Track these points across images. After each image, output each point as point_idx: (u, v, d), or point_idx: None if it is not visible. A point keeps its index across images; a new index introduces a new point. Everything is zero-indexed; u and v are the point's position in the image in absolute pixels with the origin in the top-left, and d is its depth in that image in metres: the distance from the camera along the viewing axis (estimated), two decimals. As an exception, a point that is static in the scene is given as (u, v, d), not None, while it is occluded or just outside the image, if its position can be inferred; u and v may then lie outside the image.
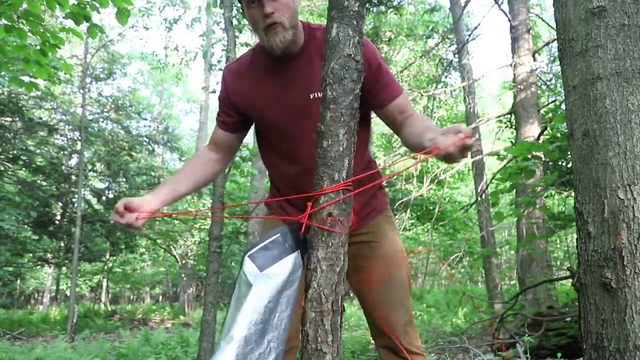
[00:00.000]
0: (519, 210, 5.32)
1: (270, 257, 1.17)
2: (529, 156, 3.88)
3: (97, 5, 3.54)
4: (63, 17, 3.69)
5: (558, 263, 13.57)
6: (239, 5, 5.06)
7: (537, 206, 5.40)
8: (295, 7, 1.48)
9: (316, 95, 1.48)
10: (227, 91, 1.60)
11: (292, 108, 1.51)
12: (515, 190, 5.62)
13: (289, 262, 1.18)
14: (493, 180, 7.16)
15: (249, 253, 1.18)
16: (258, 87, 1.55)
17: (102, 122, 14.61)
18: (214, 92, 4.55)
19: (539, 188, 4.69)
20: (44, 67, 3.73)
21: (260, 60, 1.56)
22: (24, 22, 3.52)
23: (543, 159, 4.45)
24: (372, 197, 1.63)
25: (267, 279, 1.14)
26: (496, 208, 5.56)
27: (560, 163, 4.26)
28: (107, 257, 15.80)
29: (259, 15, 1.43)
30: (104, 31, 3.75)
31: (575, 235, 1.77)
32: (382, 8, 8.91)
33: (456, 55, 9.84)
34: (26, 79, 4.23)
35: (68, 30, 3.66)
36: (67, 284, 19.54)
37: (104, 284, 19.41)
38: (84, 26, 3.70)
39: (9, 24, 3.46)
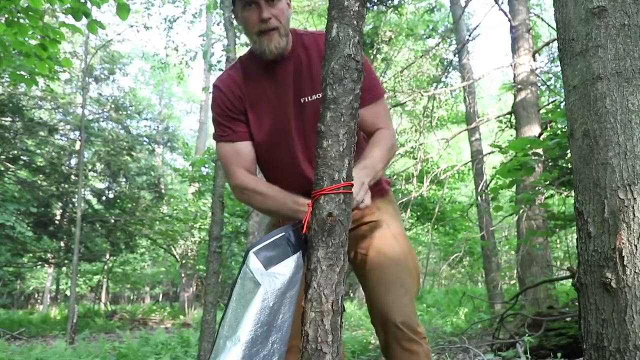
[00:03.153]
0: (518, 206, 5.34)
1: (274, 256, 1.17)
2: (529, 153, 3.88)
3: (98, 0, 3.54)
4: (62, 13, 3.69)
5: (558, 263, 13.56)
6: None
7: (537, 203, 5.41)
8: (289, 14, 1.51)
9: (307, 100, 1.50)
10: (231, 100, 1.54)
11: (285, 111, 1.52)
12: (515, 186, 5.63)
13: (292, 263, 1.18)
14: (492, 176, 7.16)
15: (253, 249, 1.17)
16: (253, 91, 1.56)
17: (102, 122, 14.61)
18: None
19: (539, 187, 4.70)
20: (44, 61, 3.73)
21: (251, 66, 1.57)
22: (24, 17, 3.52)
23: (543, 157, 4.46)
24: (375, 182, 1.58)
25: (273, 279, 1.13)
26: (496, 202, 5.59)
27: (559, 163, 4.26)
28: (107, 257, 15.78)
29: (255, 18, 1.43)
30: (104, 27, 3.72)
31: (575, 235, 1.77)
32: (382, 8, 8.90)
33: (456, 55, 9.83)
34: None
35: (68, 26, 3.66)
36: (67, 284, 19.53)
37: (104, 284, 19.40)
38: (83, 22, 3.70)
39: (10, 18, 3.46)
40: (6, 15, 3.46)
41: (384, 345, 1.54)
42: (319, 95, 1.46)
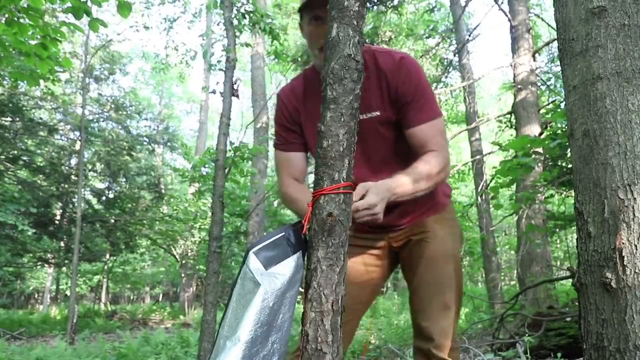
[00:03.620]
0: (518, 205, 5.34)
1: (274, 256, 1.17)
2: (530, 152, 3.88)
3: (99, -1, 3.54)
4: (62, 12, 3.68)
5: (558, 263, 13.57)
6: (238, 5, 5.05)
7: (537, 202, 5.41)
8: None
9: (365, 116, 1.52)
10: (289, 110, 1.62)
11: None
12: (515, 185, 5.62)
13: (292, 263, 1.18)
14: (493, 175, 7.16)
15: (253, 249, 1.17)
16: (310, 105, 1.60)
17: (102, 122, 14.61)
18: (213, 92, 4.53)
19: (539, 185, 4.70)
20: (44, 60, 3.73)
21: (313, 80, 1.62)
22: (24, 16, 3.51)
23: (543, 156, 4.46)
24: (428, 198, 1.58)
25: (273, 279, 1.13)
26: (495, 201, 5.59)
27: (559, 163, 4.27)
28: (107, 257, 15.79)
29: (319, 34, 1.48)
30: (106, 25, 3.69)
31: (575, 235, 1.77)
32: (382, 8, 8.90)
33: (456, 55, 9.84)
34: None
35: (69, 25, 3.65)
36: (67, 284, 19.54)
37: (104, 284, 19.41)
38: (84, 21, 3.70)
39: (10, 17, 3.46)
40: (6, 15, 3.46)
41: (415, 351, 1.59)
42: (372, 114, 1.51)
